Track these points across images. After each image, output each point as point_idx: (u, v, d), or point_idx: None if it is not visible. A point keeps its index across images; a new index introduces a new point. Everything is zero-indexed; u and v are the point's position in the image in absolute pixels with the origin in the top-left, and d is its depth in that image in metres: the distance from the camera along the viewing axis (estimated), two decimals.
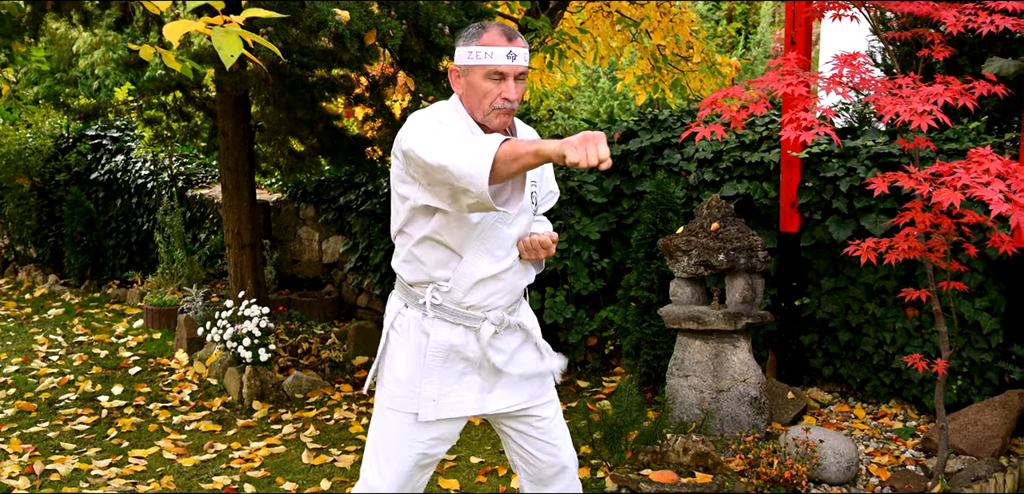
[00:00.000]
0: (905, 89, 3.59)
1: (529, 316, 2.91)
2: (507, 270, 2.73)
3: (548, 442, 2.90)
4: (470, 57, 2.58)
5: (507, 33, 2.58)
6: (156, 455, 4.89)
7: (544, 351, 2.90)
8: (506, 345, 2.79)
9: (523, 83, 2.62)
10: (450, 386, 2.74)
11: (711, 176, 5.70)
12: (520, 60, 2.57)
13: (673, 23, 8.32)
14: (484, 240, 2.67)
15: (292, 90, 5.67)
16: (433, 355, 2.71)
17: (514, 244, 2.73)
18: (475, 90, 2.59)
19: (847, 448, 4.33)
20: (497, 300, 2.75)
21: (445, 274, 2.69)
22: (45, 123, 10.36)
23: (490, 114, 2.60)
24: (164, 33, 1.91)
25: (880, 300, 5.23)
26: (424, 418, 2.71)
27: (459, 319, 2.72)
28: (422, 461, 2.79)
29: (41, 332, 7.55)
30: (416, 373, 2.72)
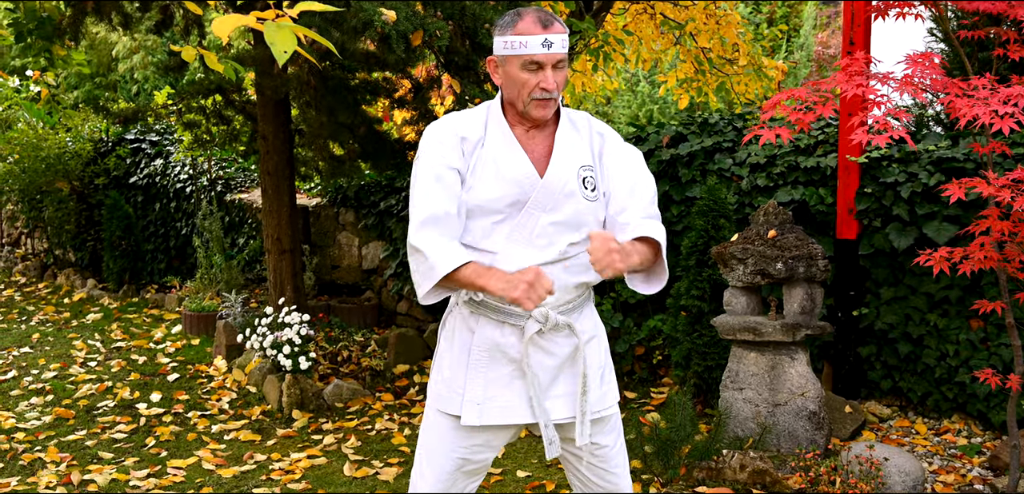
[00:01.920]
0: (982, 90, 3.39)
1: (590, 321, 2.66)
2: (552, 263, 2.50)
3: (607, 470, 2.70)
4: (506, 47, 2.46)
5: (543, 19, 2.44)
6: (195, 465, 4.79)
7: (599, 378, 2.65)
8: (556, 347, 2.56)
9: (563, 70, 2.47)
10: (496, 390, 2.56)
11: (764, 181, 5.51)
12: (557, 47, 2.43)
13: (719, 25, 8.13)
14: (520, 227, 2.49)
15: (333, 93, 5.57)
16: (478, 354, 2.56)
17: (562, 234, 2.52)
18: (513, 81, 2.47)
19: (913, 467, 4.13)
20: None
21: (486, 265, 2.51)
22: (84, 127, 10.36)
23: (529, 104, 2.47)
24: (213, 28, 1.79)
25: (943, 311, 5.02)
26: (466, 422, 2.55)
27: (504, 317, 2.54)
28: (465, 467, 2.62)
29: (79, 337, 7.51)
30: (460, 373, 2.57)
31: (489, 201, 2.49)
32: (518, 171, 2.49)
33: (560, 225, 2.51)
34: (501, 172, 2.49)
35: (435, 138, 2.54)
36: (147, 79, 11.55)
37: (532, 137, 2.56)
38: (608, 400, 2.67)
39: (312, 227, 8.26)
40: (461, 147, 2.51)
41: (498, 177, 2.49)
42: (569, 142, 2.55)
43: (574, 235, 2.53)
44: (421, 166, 2.52)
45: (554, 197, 2.49)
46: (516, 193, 2.49)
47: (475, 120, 2.56)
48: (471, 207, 2.50)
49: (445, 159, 2.49)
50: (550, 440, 2.57)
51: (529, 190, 2.49)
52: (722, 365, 5.06)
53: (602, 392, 2.65)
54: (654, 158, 5.99)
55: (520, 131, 2.56)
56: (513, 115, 2.56)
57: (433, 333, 6.80)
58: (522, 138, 2.55)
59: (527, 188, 2.49)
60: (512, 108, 2.54)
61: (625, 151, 2.65)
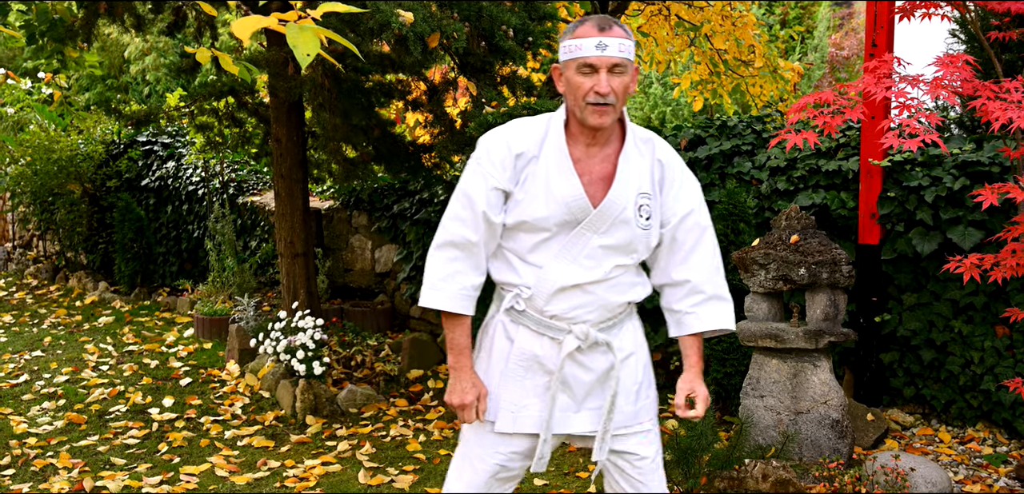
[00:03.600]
0: (1015, 93, 3.31)
1: (630, 338, 2.63)
2: (596, 282, 2.50)
3: (642, 482, 2.66)
4: (565, 52, 2.46)
5: (600, 24, 2.41)
6: (208, 472, 4.73)
7: (635, 394, 2.62)
8: (592, 363, 2.56)
9: (622, 76, 2.42)
10: (531, 399, 2.57)
11: (784, 185, 5.43)
12: (612, 51, 2.39)
13: (735, 26, 8.05)
14: (570, 246, 2.49)
15: (348, 95, 5.51)
16: (515, 363, 2.57)
17: (610, 256, 2.50)
18: (571, 86, 2.46)
19: (939, 477, 4.05)
20: (584, 314, 2.53)
21: (528, 279, 2.53)
22: (96, 129, 10.33)
23: (585, 110, 2.43)
24: (233, 29, 1.73)
25: (967, 317, 4.93)
26: (500, 428, 2.57)
27: (544, 329, 2.55)
28: (500, 474, 2.62)
29: (91, 341, 7.47)
30: (497, 380, 2.59)
31: (537, 219, 2.48)
32: (567, 193, 2.46)
33: (610, 249, 2.50)
34: (551, 192, 2.47)
35: (487, 152, 2.52)
36: (159, 81, 11.50)
37: (593, 155, 2.52)
38: (643, 416, 2.64)
39: (325, 230, 8.21)
40: (514, 164, 2.50)
41: (548, 196, 2.47)
42: (631, 166, 2.51)
43: (624, 258, 2.52)
44: (465, 177, 2.54)
45: (608, 221, 2.47)
46: (564, 214, 2.47)
47: (533, 133, 2.53)
48: (519, 220, 2.50)
49: (489, 179, 2.49)
50: (540, 456, 2.57)
51: (578, 213, 2.47)
52: (743, 372, 4.99)
53: (637, 408, 2.63)
54: None
55: (581, 147, 2.52)
56: (575, 127, 2.52)
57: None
58: (581, 155, 2.51)
59: (575, 211, 2.47)
60: (574, 119, 2.51)
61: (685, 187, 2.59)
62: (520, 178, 2.49)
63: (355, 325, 6.96)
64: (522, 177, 2.49)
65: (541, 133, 2.52)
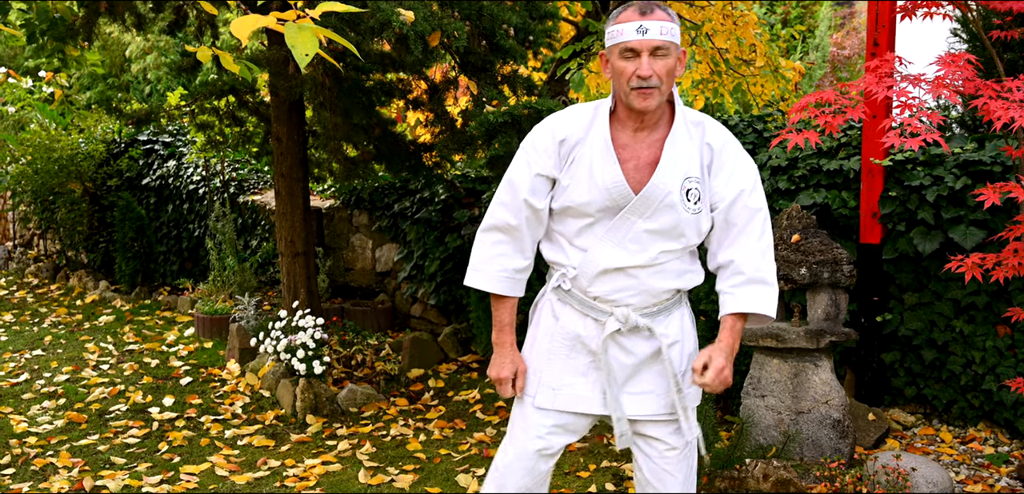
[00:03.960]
0: (1016, 93, 3.30)
1: (676, 326, 2.62)
2: (640, 267, 2.52)
3: (668, 472, 2.67)
4: (608, 38, 2.49)
5: (641, 8, 2.43)
6: (208, 471, 4.73)
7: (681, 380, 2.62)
8: (635, 347, 2.58)
9: (665, 59, 2.42)
10: (573, 378, 2.62)
11: (785, 184, 5.42)
12: (653, 33, 2.39)
13: (737, 26, 8.03)
14: (614, 230, 2.51)
15: (348, 94, 5.50)
16: (560, 341, 2.63)
17: (656, 241, 2.50)
18: (615, 71, 2.48)
19: (941, 477, 4.04)
20: (627, 297, 2.55)
21: (574, 260, 2.57)
22: (97, 128, 10.32)
23: (630, 95, 2.45)
24: (231, 28, 1.72)
25: (969, 317, 4.92)
26: (540, 404, 2.63)
27: (587, 309, 2.58)
28: (544, 450, 2.65)
29: (92, 340, 7.47)
30: (542, 357, 2.65)
31: (580, 204, 2.52)
32: (608, 179, 2.49)
33: (656, 233, 2.51)
34: (594, 178, 2.50)
35: (532, 140, 2.59)
36: (160, 80, 11.51)
37: (640, 139, 2.54)
38: (686, 401, 2.64)
39: (326, 229, 8.20)
40: (558, 150, 2.54)
41: (590, 182, 2.50)
42: (678, 150, 2.51)
43: (671, 243, 2.52)
44: (513, 164, 2.62)
45: (653, 206, 2.48)
46: (605, 200, 2.50)
47: (580, 119, 2.57)
48: (565, 205, 2.55)
49: (533, 165, 2.56)
50: (622, 432, 2.61)
51: (619, 199, 2.49)
52: (743, 371, 4.98)
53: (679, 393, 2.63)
54: None
55: (629, 132, 2.53)
56: (623, 112, 2.54)
57: (447, 337, 6.73)
58: (629, 141, 2.53)
59: (616, 197, 2.49)
60: (621, 105, 2.53)
61: (736, 171, 2.55)
62: (566, 163, 2.54)
63: (356, 324, 6.95)
64: (568, 162, 2.53)
65: (589, 119, 2.55)
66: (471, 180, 7.02)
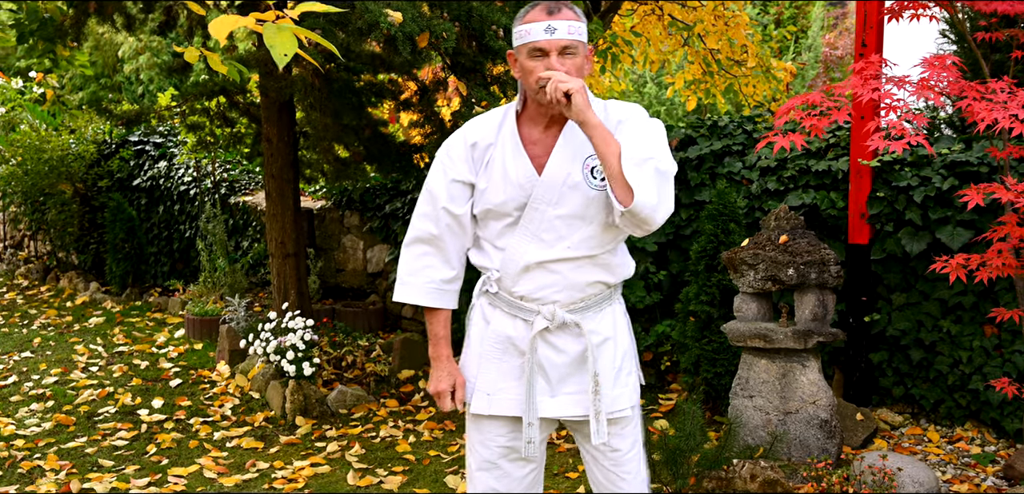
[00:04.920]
0: (1000, 94, 3.31)
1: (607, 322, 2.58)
2: (560, 260, 2.49)
3: (618, 474, 2.64)
4: (516, 38, 2.48)
5: (549, 8, 2.41)
6: (196, 474, 4.72)
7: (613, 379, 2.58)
8: (564, 345, 2.55)
9: (573, 58, 2.41)
10: (507, 382, 2.58)
11: (775, 185, 5.43)
12: (561, 33, 2.38)
13: (728, 27, 8.05)
14: (527, 222, 2.49)
15: (339, 95, 5.50)
16: (491, 345, 2.60)
17: (572, 227, 2.47)
18: (524, 71, 2.47)
19: (927, 477, 4.05)
20: (552, 294, 2.52)
21: (497, 261, 2.56)
22: (88, 129, 10.30)
23: (538, 93, 2.43)
24: (209, 29, 1.72)
25: (956, 317, 4.94)
26: (475, 411, 2.60)
27: (515, 310, 2.56)
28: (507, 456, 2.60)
29: (81, 342, 7.45)
30: (475, 362, 2.63)
31: (498, 205, 2.51)
32: (521, 175, 2.49)
33: (567, 218, 2.48)
34: (507, 176, 2.50)
35: (445, 151, 2.60)
36: (152, 80, 11.47)
37: (549, 133, 2.54)
38: (620, 403, 2.60)
39: (317, 230, 8.19)
40: (470, 155, 2.55)
41: (505, 182, 2.50)
42: (578, 133, 2.49)
43: (587, 228, 2.49)
44: (429, 175, 2.61)
45: (556, 190, 2.47)
46: (521, 196, 2.49)
47: (489, 124, 2.58)
48: (485, 209, 2.54)
49: (448, 172, 2.56)
50: (529, 439, 2.56)
51: (531, 190, 2.49)
52: (732, 372, 4.99)
53: (615, 394, 2.59)
54: None
55: (539, 129, 2.53)
56: (533, 110, 2.54)
57: None
58: (540, 136, 2.53)
59: (528, 189, 2.49)
60: (531, 103, 2.53)
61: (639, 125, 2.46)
62: (480, 167, 2.54)
63: (346, 325, 6.95)
64: (482, 165, 2.54)
65: (498, 121, 2.56)
66: None
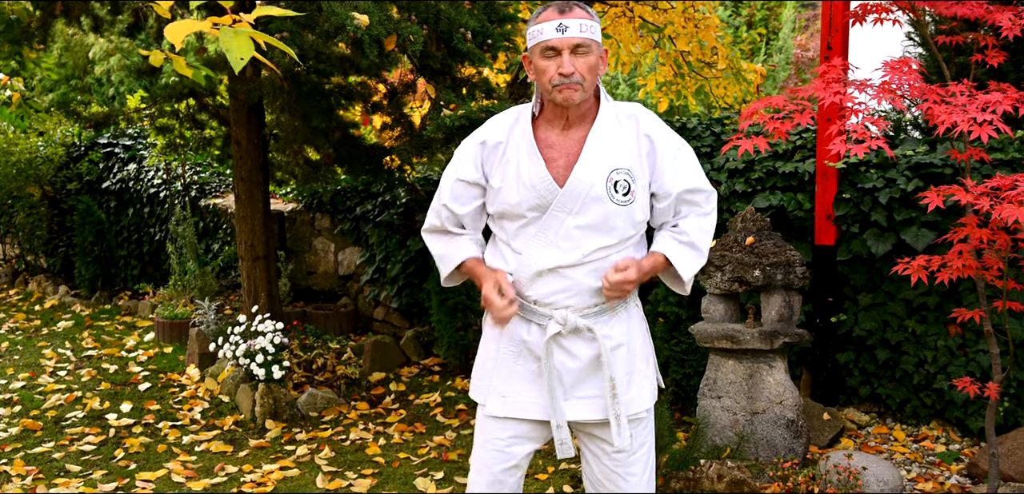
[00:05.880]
0: (960, 97, 3.36)
1: (621, 327, 2.60)
2: (574, 266, 2.52)
3: (620, 474, 2.66)
4: (530, 39, 2.52)
5: (560, 7, 2.47)
6: (164, 478, 4.69)
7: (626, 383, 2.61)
8: (578, 350, 2.57)
9: (586, 56, 2.45)
10: (522, 385, 2.61)
11: (742, 187, 5.47)
12: (573, 32, 2.43)
13: (698, 29, 8.10)
14: (544, 229, 2.53)
15: (308, 98, 5.48)
16: (506, 348, 2.63)
17: (588, 237, 2.51)
18: (538, 71, 2.51)
19: (891, 475, 4.10)
20: (565, 299, 2.55)
21: (512, 265, 2.59)
22: (57, 131, 10.21)
23: (552, 92, 2.48)
24: (165, 33, 1.72)
25: (921, 317, 5.00)
26: (490, 412, 2.64)
27: (529, 314, 2.59)
28: (504, 461, 2.64)
29: (49, 346, 7.38)
30: (491, 364, 2.66)
31: (511, 206, 2.54)
32: (535, 177, 2.51)
33: (586, 228, 2.51)
34: (521, 177, 2.52)
35: (460, 148, 2.66)
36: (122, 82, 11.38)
37: (568, 137, 2.56)
38: (634, 406, 2.63)
39: (288, 233, 8.17)
40: (480, 154, 2.60)
41: (518, 182, 2.53)
42: (604, 142, 2.52)
43: (605, 238, 2.53)
44: (443, 175, 2.69)
45: (578, 200, 2.49)
46: (534, 198, 2.51)
47: (502, 124, 2.62)
48: (499, 209, 2.58)
49: (456, 171, 2.64)
50: (561, 441, 2.59)
51: (546, 195, 2.51)
52: (700, 373, 5.02)
53: (629, 397, 2.62)
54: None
55: (557, 131, 2.56)
56: (550, 111, 2.57)
57: (409, 340, 6.73)
58: (557, 139, 2.55)
59: (544, 193, 2.51)
60: (547, 104, 2.56)
61: (679, 159, 2.59)
62: (489, 166, 2.58)
63: (317, 328, 6.93)
64: (491, 164, 2.57)
65: (511, 121, 2.59)
66: (433, 183, 7.02)
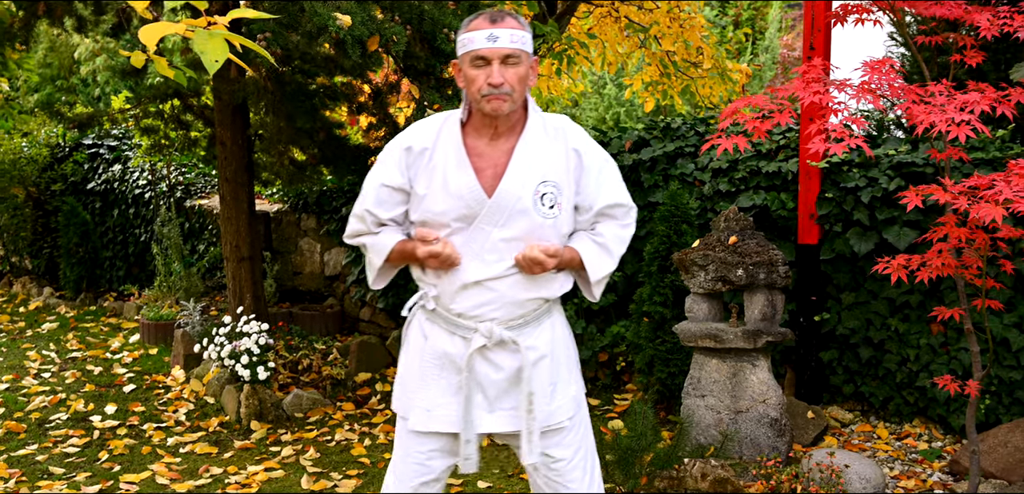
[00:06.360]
0: (938, 97, 3.38)
1: (544, 338, 2.60)
2: (499, 278, 2.50)
3: (561, 484, 2.65)
4: (460, 47, 2.49)
5: (492, 16, 2.43)
6: (148, 480, 4.68)
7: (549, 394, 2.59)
8: (502, 361, 2.55)
9: (516, 67, 2.43)
10: (446, 398, 2.57)
11: (726, 186, 5.49)
12: (504, 42, 2.40)
13: (683, 29, 8.12)
14: (470, 241, 2.49)
15: (292, 98, 5.47)
16: (430, 361, 2.59)
17: (514, 249, 2.49)
18: (467, 79, 2.48)
19: (873, 473, 4.12)
20: (490, 312, 2.52)
21: (433, 278, 2.55)
22: (41, 132, 10.17)
23: (481, 102, 2.45)
24: (140, 36, 1.71)
25: (903, 315, 5.03)
26: (413, 427, 2.60)
27: (453, 327, 2.56)
28: (424, 474, 2.62)
29: (34, 347, 7.35)
30: (413, 377, 2.62)
31: (436, 214, 2.50)
32: (463, 186, 2.47)
33: (512, 241, 2.49)
34: (448, 186, 2.48)
35: (381, 155, 2.61)
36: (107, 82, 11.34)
37: (496, 147, 2.52)
38: (558, 415, 2.61)
39: (273, 233, 8.15)
40: (405, 159, 2.53)
41: (445, 190, 2.48)
42: (532, 154, 2.50)
43: None
44: (366, 180, 2.62)
45: (505, 213, 2.47)
46: (462, 208, 2.48)
47: (427, 129, 2.56)
48: (422, 218, 2.53)
49: (380, 176, 2.58)
50: (467, 456, 2.57)
51: (474, 205, 2.47)
52: (685, 372, 5.04)
53: (551, 408, 2.60)
54: (616, 163, 5.96)
55: (485, 140, 2.52)
56: (478, 120, 2.53)
57: (396, 341, 6.73)
58: (485, 149, 2.52)
59: (472, 203, 2.47)
60: (476, 113, 2.52)
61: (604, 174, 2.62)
62: (414, 172, 2.53)
63: (302, 329, 6.93)
64: (416, 170, 2.52)
65: (437, 127, 2.55)
66: None
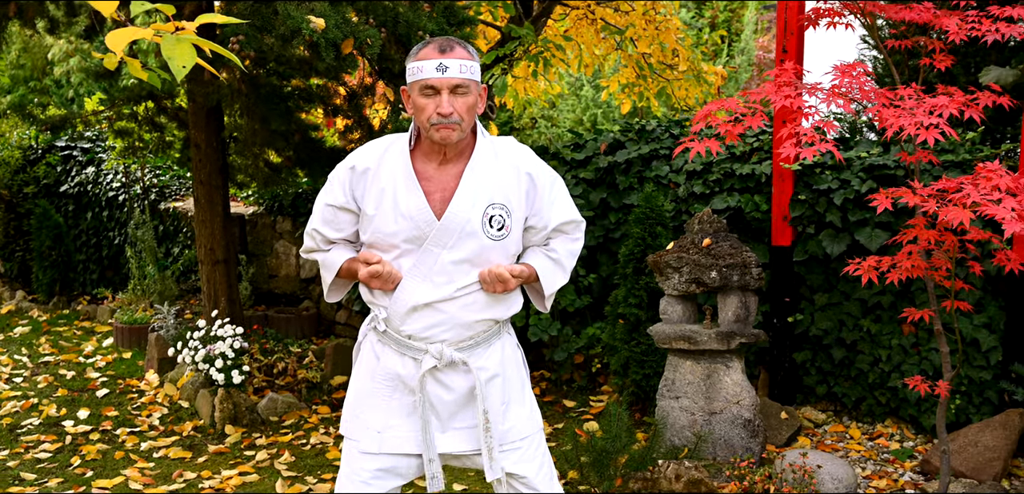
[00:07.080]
0: (908, 100, 3.42)
1: (495, 359, 2.61)
2: (448, 300, 2.51)
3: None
4: (409, 75, 2.49)
5: (442, 46, 2.44)
6: (121, 485, 4.65)
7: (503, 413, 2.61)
8: (453, 382, 2.56)
9: (465, 96, 2.44)
10: (398, 419, 2.58)
11: (701, 189, 5.52)
12: (453, 72, 2.41)
13: (659, 31, 8.14)
14: (419, 264, 2.50)
15: (266, 101, 5.45)
16: (381, 382, 2.59)
17: (463, 272, 2.51)
18: (416, 108, 2.48)
19: (845, 473, 4.16)
20: (440, 333, 2.53)
21: (385, 299, 2.55)
22: (13, 134, 10.07)
23: (430, 131, 2.45)
24: (106, 41, 1.70)
25: (875, 316, 5.07)
26: (364, 448, 2.59)
27: (404, 349, 2.56)
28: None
29: (5, 352, 7.28)
30: (364, 398, 2.62)
31: (386, 235, 2.51)
32: (412, 207, 2.49)
33: (461, 263, 2.51)
34: (399, 207, 2.49)
35: (331, 175, 2.62)
36: (81, 84, 11.25)
37: (445, 171, 2.53)
38: (513, 434, 2.63)
39: (248, 236, 8.11)
40: (350, 179, 2.56)
41: (395, 211, 2.50)
42: (481, 177, 2.52)
43: (477, 272, 2.53)
44: (316, 200, 2.65)
45: (453, 235, 2.48)
46: (412, 229, 2.49)
47: (371, 151, 2.58)
48: (372, 239, 2.54)
49: (327, 197, 2.62)
50: (432, 475, 2.57)
51: (425, 227, 2.49)
52: (660, 373, 5.06)
53: (505, 428, 2.62)
54: (592, 165, 5.98)
55: (433, 165, 2.53)
56: (427, 146, 2.53)
57: None
58: (433, 173, 2.53)
59: (421, 224, 2.49)
60: (425, 138, 2.52)
61: (556, 194, 2.64)
62: (359, 191, 2.54)
63: (278, 332, 6.89)
64: (362, 190, 2.54)
65: (382, 149, 2.56)
66: None
